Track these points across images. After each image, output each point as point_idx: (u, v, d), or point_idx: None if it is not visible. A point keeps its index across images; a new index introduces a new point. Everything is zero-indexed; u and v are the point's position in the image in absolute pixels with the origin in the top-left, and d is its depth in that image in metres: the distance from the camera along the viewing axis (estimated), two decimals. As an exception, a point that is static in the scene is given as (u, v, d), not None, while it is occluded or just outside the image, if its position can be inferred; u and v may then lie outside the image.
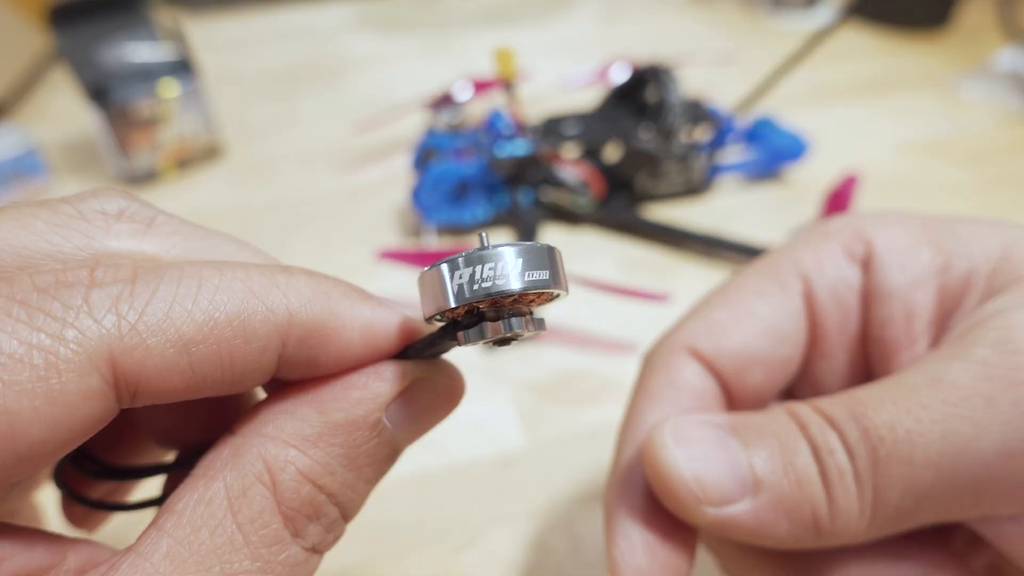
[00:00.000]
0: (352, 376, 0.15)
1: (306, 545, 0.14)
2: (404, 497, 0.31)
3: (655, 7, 0.96)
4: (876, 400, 0.17)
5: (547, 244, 0.14)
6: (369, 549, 0.29)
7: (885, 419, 0.16)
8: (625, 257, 0.47)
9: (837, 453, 0.17)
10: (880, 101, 0.68)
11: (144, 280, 0.13)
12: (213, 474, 0.14)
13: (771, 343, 0.21)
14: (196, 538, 0.13)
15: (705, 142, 0.51)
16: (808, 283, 0.21)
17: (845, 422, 0.17)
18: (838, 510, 0.17)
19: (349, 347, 0.15)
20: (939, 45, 0.81)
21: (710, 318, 0.21)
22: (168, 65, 0.55)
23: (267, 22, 0.93)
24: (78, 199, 0.15)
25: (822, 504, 0.17)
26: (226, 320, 0.13)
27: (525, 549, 0.28)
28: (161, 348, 0.12)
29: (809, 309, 0.21)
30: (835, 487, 0.17)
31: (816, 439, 0.17)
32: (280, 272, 0.14)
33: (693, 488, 0.17)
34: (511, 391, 0.36)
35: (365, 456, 0.15)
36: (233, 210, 0.53)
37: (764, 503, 0.17)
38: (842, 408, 0.17)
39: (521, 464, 0.32)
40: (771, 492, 0.17)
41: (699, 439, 0.18)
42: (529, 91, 0.65)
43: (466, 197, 0.47)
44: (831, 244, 0.21)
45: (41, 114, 0.69)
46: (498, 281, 0.14)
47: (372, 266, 0.44)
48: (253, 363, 0.13)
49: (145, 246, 0.15)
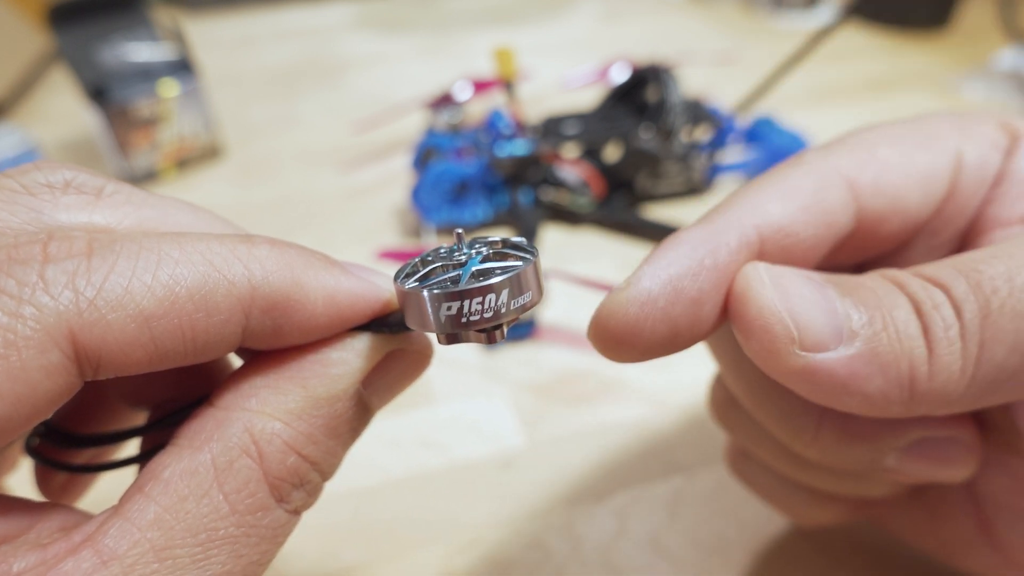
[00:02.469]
0: (330, 351, 0.16)
1: (289, 508, 0.15)
2: (403, 497, 0.31)
3: (655, 7, 0.96)
4: (988, 256, 0.16)
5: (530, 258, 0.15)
6: (368, 549, 0.28)
7: (1001, 270, 0.15)
8: (625, 257, 0.46)
9: (942, 307, 0.16)
10: (880, 101, 0.68)
11: (100, 255, 0.13)
12: (199, 445, 0.14)
13: (920, 197, 0.20)
14: (183, 506, 0.13)
15: (705, 142, 0.51)
16: (959, 155, 0.20)
17: (952, 278, 0.16)
18: (938, 366, 0.16)
19: (313, 317, 0.15)
20: (939, 45, 0.80)
21: (875, 153, 0.20)
22: (168, 65, 0.55)
23: (267, 22, 0.93)
24: (20, 172, 0.15)
25: (922, 359, 0.16)
26: (187, 294, 0.13)
27: (525, 549, 0.28)
28: (121, 323, 0.12)
29: (953, 179, 0.20)
30: (938, 341, 0.16)
31: (918, 295, 0.16)
32: (241, 242, 0.14)
33: (790, 326, 0.16)
34: (510, 391, 0.36)
35: (344, 424, 0.16)
36: (233, 210, 0.53)
37: (860, 354, 0.16)
38: (947, 268, 0.16)
39: (521, 464, 0.32)
40: (869, 344, 0.16)
41: (796, 283, 0.17)
42: (529, 91, 0.65)
43: (466, 197, 0.47)
44: (983, 128, 0.20)
45: (41, 114, 0.69)
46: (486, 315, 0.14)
47: (372, 266, 0.44)
48: (216, 335, 0.14)
49: (96, 217, 0.15)
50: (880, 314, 0.16)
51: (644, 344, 0.17)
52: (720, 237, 0.18)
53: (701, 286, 0.17)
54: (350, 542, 0.29)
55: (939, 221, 0.20)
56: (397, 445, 0.33)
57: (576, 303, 0.42)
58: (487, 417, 0.35)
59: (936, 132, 0.20)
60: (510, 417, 0.35)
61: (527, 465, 0.32)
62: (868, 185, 0.19)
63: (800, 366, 0.16)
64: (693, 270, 0.17)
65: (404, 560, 0.28)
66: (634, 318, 0.17)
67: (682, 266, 0.17)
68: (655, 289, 0.17)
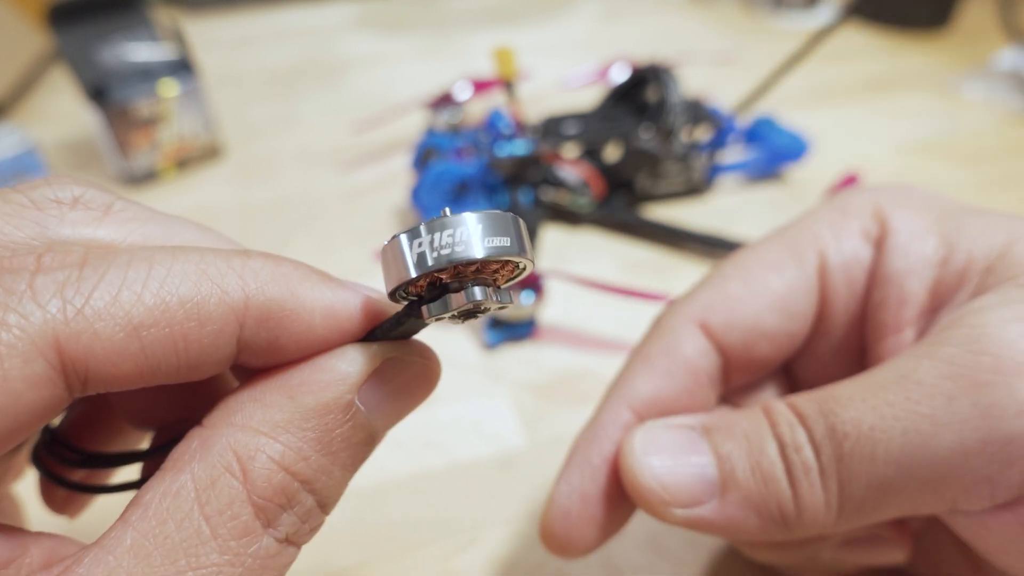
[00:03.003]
0: (319, 359, 0.15)
1: (279, 536, 0.14)
2: (404, 497, 0.31)
3: (655, 7, 0.96)
4: (846, 396, 0.18)
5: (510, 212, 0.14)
6: (368, 549, 0.28)
7: (851, 415, 0.17)
8: (625, 257, 0.46)
9: (803, 449, 0.17)
10: (880, 101, 0.68)
11: (92, 265, 0.12)
12: (181, 466, 0.13)
13: (781, 319, 0.21)
14: (162, 531, 0.12)
15: (705, 142, 0.51)
16: (824, 259, 0.21)
17: (814, 419, 0.18)
18: (804, 505, 0.17)
19: (311, 329, 0.14)
20: (939, 45, 0.80)
21: (725, 291, 0.21)
22: (168, 65, 0.55)
23: (267, 22, 0.93)
24: (30, 187, 0.15)
25: (788, 500, 0.18)
26: (178, 303, 0.13)
27: (525, 549, 0.28)
28: (110, 332, 0.12)
29: (822, 285, 0.21)
30: (800, 483, 0.17)
31: (784, 436, 0.18)
32: (237, 255, 0.14)
33: (660, 494, 0.18)
34: (511, 391, 0.36)
35: (340, 440, 0.14)
36: (232, 210, 0.53)
37: (732, 503, 0.18)
38: (814, 405, 0.18)
39: (521, 464, 0.32)
40: (739, 491, 0.18)
41: (669, 444, 0.19)
42: (529, 91, 0.65)
43: (466, 197, 0.47)
44: (851, 222, 0.21)
45: (41, 114, 0.69)
46: (457, 248, 0.13)
47: (372, 266, 0.44)
48: (209, 347, 0.13)
49: (100, 233, 0.15)
50: (749, 462, 0.18)
51: (584, 543, 0.21)
52: (602, 431, 0.21)
53: (600, 482, 0.21)
54: (350, 542, 0.29)
55: (828, 323, 0.22)
56: (399, 445, 0.33)
57: (576, 303, 0.42)
58: (488, 417, 0.35)
59: (799, 241, 0.22)
60: (511, 417, 0.35)
61: (528, 465, 0.32)
62: (721, 325, 0.21)
63: (681, 519, 0.18)
64: (589, 474, 0.21)
65: (404, 560, 0.28)
66: (563, 531, 0.20)
67: (581, 473, 0.21)
68: (566, 504, 0.21)
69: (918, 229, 0.20)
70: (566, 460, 0.22)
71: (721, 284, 0.22)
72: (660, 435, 0.19)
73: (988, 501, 0.16)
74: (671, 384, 0.21)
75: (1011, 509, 0.16)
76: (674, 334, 0.22)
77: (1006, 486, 0.16)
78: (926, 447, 0.16)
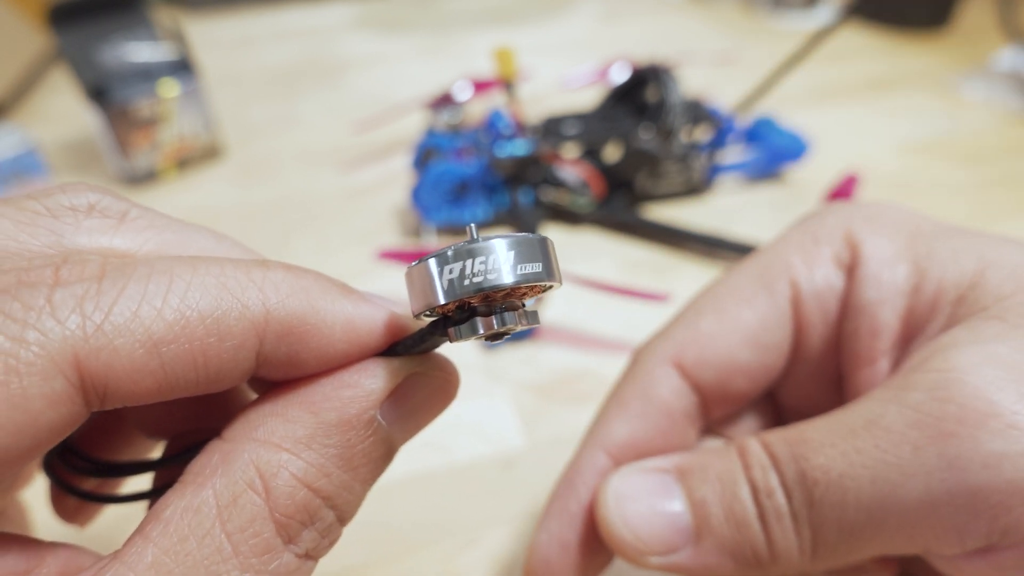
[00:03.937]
0: (342, 374, 0.14)
1: (299, 552, 0.14)
2: (404, 497, 0.31)
3: (655, 7, 0.96)
4: (817, 440, 0.18)
5: (539, 235, 0.14)
6: (369, 549, 0.28)
7: (821, 462, 0.17)
8: (625, 257, 0.46)
9: (776, 494, 0.18)
10: (880, 101, 0.68)
11: (111, 278, 0.12)
12: (202, 481, 0.13)
13: (756, 353, 0.21)
14: (183, 548, 0.12)
15: (705, 142, 0.51)
16: (796, 289, 0.21)
17: (787, 463, 0.18)
18: (777, 550, 0.18)
19: (331, 344, 0.14)
20: (939, 45, 0.81)
21: (698, 328, 0.22)
22: (168, 65, 0.55)
23: (267, 22, 0.93)
24: (45, 195, 0.14)
25: (761, 544, 0.18)
26: (198, 318, 0.12)
27: (525, 549, 0.28)
28: (129, 349, 0.12)
29: (795, 316, 0.21)
30: (773, 528, 0.18)
31: (757, 480, 0.18)
32: (257, 267, 0.14)
33: (635, 544, 0.19)
34: (511, 391, 0.36)
35: (361, 456, 0.14)
36: (233, 210, 0.53)
37: (707, 548, 0.18)
38: (787, 447, 0.18)
39: (521, 464, 0.32)
40: (713, 537, 0.18)
41: (643, 490, 0.19)
42: (529, 91, 0.65)
43: (466, 197, 0.47)
44: (822, 249, 0.21)
45: (41, 114, 0.69)
46: (490, 276, 0.13)
47: (372, 266, 0.44)
48: (229, 362, 0.13)
49: (116, 241, 0.15)
50: (722, 506, 0.18)
51: None
52: (579, 478, 0.21)
53: (578, 530, 0.21)
54: (351, 542, 0.29)
55: (805, 352, 0.22)
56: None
57: (576, 303, 0.42)
58: (488, 418, 0.35)
59: (771, 272, 0.22)
60: (511, 417, 0.35)
61: (528, 465, 0.32)
62: (695, 364, 0.21)
63: (657, 566, 0.19)
64: (568, 521, 0.21)
65: (405, 560, 0.28)
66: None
67: (560, 521, 0.21)
68: (546, 553, 0.21)
69: (889, 255, 0.20)
70: (545, 507, 0.22)
71: (694, 320, 0.22)
72: (634, 481, 0.20)
73: (958, 548, 0.16)
74: (646, 426, 0.21)
75: (983, 556, 0.16)
76: (648, 376, 0.22)
77: (974, 536, 0.16)
78: (894, 496, 0.16)
